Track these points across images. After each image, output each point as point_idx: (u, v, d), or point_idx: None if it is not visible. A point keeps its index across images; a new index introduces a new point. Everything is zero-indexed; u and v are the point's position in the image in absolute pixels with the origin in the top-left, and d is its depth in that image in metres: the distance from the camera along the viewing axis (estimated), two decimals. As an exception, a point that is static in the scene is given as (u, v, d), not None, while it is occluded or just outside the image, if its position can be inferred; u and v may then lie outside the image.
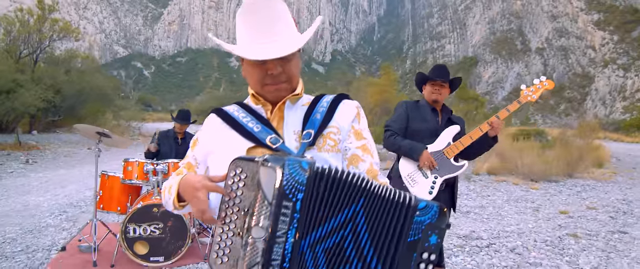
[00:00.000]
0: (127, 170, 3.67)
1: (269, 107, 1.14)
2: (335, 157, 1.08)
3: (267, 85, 1.08)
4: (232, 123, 1.11)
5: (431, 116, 2.67)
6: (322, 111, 1.12)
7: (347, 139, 1.13)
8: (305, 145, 1.05)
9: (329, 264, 0.87)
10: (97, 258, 3.42)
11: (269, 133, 1.06)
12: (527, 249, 4.16)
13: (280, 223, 0.80)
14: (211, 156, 1.13)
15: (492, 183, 8.73)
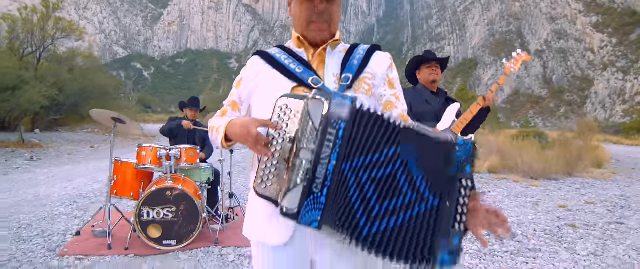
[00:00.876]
0: (141, 155, 3.79)
1: (311, 51, 1.26)
2: (370, 100, 1.21)
3: (313, 22, 1.21)
4: (275, 64, 1.22)
5: (431, 98, 2.82)
6: (359, 58, 1.24)
7: (381, 86, 1.26)
8: (344, 87, 1.17)
9: (380, 192, 0.97)
10: (110, 242, 3.54)
11: (311, 74, 1.18)
12: (527, 238, 4.28)
13: (325, 147, 0.94)
14: (255, 94, 1.26)
15: (493, 181, 8.85)
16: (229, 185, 4.44)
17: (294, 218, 0.98)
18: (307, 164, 0.96)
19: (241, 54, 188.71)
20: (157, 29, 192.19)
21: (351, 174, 0.97)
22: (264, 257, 1.18)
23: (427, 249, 0.99)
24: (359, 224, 0.98)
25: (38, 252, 3.41)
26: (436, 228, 0.99)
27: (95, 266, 3.15)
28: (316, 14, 1.19)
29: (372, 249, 0.98)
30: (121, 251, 3.45)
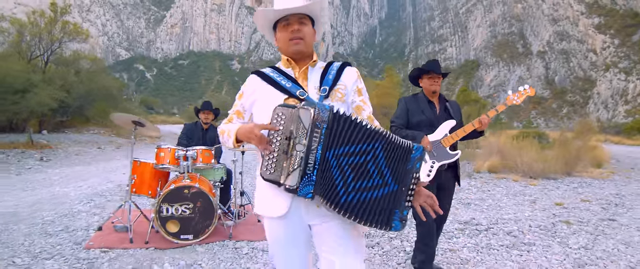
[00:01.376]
0: (159, 156, 4.05)
1: (296, 69, 1.63)
2: (343, 105, 1.57)
3: (291, 39, 1.59)
4: (270, 81, 1.60)
5: (427, 108, 3.08)
6: (333, 73, 1.62)
7: (352, 94, 1.63)
8: (322, 97, 1.54)
9: (355, 175, 1.39)
10: (132, 236, 3.79)
11: (298, 88, 1.56)
12: (523, 233, 4.52)
13: (313, 142, 1.36)
14: (255, 104, 1.63)
15: (493, 180, 9.07)
16: (240, 184, 4.69)
17: (294, 192, 1.39)
18: (301, 153, 1.37)
19: (243, 55, 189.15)
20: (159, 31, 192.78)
21: (333, 160, 1.36)
22: (271, 226, 1.57)
23: (385, 217, 1.43)
24: (339, 194, 1.38)
25: (65, 245, 3.67)
26: (393, 205, 1.43)
27: (119, 257, 3.40)
28: (292, 33, 1.58)
29: (346, 213, 1.39)
30: (142, 245, 3.70)
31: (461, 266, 3.39)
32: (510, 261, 3.55)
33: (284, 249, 1.56)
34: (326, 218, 1.49)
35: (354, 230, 1.52)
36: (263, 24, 1.68)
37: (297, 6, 1.56)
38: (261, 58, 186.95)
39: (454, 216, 5.33)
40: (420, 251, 3.06)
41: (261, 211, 1.58)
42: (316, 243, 1.56)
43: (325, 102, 1.52)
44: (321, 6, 1.65)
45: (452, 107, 3.20)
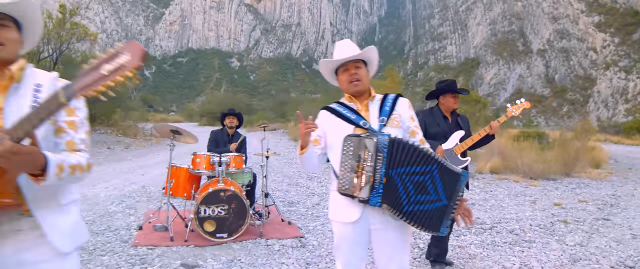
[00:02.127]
0: (195, 161, 4.47)
1: (358, 103, 2.02)
2: (398, 131, 1.97)
3: (351, 82, 1.99)
4: (338, 114, 2.02)
5: (442, 121, 3.49)
6: (389, 105, 2.03)
7: (407, 120, 2.03)
8: (382, 125, 1.94)
9: (416, 190, 1.77)
10: (172, 234, 4.22)
11: (361, 119, 1.97)
12: (524, 231, 4.94)
13: (378, 163, 1.75)
14: (328, 134, 2.03)
15: (495, 181, 9.50)
16: (265, 186, 5.10)
17: (365, 202, 1.80)
18: (369, 172, 1.77)
19: (242, 53, 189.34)
20: (158, 28, 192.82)
21: (397, 177, 1.77)
22: (345, 230, 1.96)
23: (437, 225, 1.83)
24: (402, 204, 1.78)
25: (114, 243, 4.09)
26: (444, 216, 1.83)
27: (165, 254, 3.82)
28: (351, 76, 2.01)
29: (408, 219, 1.79)
30: (182, 243, 4.12)
31: (469, 260, 3.82)
32: (513, 256, 3.98)
33: (351, 248, 1.96)
34: (387, 224, 1.90)
35: (405, 234, 1.94)
36: (326, 71, 2.11)
37: (353, 55, 1.99)
38: (260, 56, 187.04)
39: (460, 215, 5.75)
40: (435, 246, 3.48)
41: (336, 218, 1.98)
42: (374, 243, 1.96)
43: (384, 129, 1.91)
44: (375, 55, 2.07)
45: (462, 120, 3.61)
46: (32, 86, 1.35)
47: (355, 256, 1.97)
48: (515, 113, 3.49)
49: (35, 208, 1.27)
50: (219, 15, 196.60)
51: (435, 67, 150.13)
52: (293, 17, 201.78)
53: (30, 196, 1.25)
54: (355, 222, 1.90)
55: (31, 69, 1.40)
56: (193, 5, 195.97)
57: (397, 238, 1.91)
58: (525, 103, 3.51)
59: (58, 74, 1.44)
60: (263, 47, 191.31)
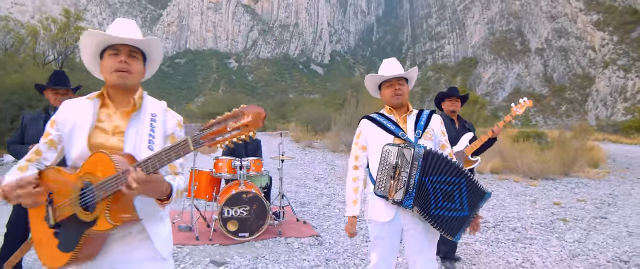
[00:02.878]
0: (218, 165, 4.77)
1: (397, 115, 2.31)
2: (431, 143, 2.24)
3: (394, 96, 2.30)
4: (379, 124, 2.29)
5: (450, 125, 3.79)
6: (424, 119, 2.31)
7: (439, 135, 2.31)
8: (417, 138, 2.21)
9: (444, 198, 2.02)
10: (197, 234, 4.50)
11: (399, 130, 2.25)
12: (525, 229, 5.24)
13: (413, 170, 2.02)
14: (369, 141, 2.32)
15: (495, 181, 9.80)
16: (281, 187, 5.39)
17: (399, 204, 2.08)
18: (405, 178, 2.04)
19: (240, 54, 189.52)
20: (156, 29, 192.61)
21: (429, 184, 2.04)
22: (381, 229, 2.25)
23: (455, 230, 2.07)
24: (430, 208, 2.05)
25: (144, 242, 4.37)
26: (462, 225, 2.09)
27: (193, 252, 4.10)
28: (394, 90, 2.29)
29: (432, 222, 2.06)
30: (207, 242, 4.40)
31: (475, 256, 4.11)
32: (515, 252, 4.28)
33: (385, 244, 2.25)
34: (417, 225, 2.19)
35: (433, 234, 2.22)
36: (371, 84, 2.42)
37: (400, 73, 2.29)
38: (258, 56, 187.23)
39: (464, 214, 6.06)
40: (444, 244, 3.78)
41: (373, 218, 2.27)
42: (406, 241, 2.25)
43: (419, 141, 2.20)
44: (416, 75, 2.38)
45: (469, 125, 3.91)
46: (149, 114, 1.62)
47: (388, 251, 2.26)
48: (520, 112, 3.73)
49: (145, 220, 1.54)
50: (217, 16, 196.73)
51: (433, 66, 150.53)
52: (290, 18, 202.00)
53: (142, 212, 1.52)
54: (389, 222, 2.20)
55: (147, 97, 1.68)
56: (190, 6, 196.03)
57: (426, 237, 2.21)
58: (528, 102, 3.76)
59: (166, 104, 1.72)
60: (261, 47, 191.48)
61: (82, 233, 1.41)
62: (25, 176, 1.44)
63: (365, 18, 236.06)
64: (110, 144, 1.52)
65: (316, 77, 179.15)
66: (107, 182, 1.36)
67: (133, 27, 1.63)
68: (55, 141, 1.57)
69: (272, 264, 3.78)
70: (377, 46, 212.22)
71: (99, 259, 1.52)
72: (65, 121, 1.56)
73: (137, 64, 1.61)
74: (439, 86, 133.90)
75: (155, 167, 1.35)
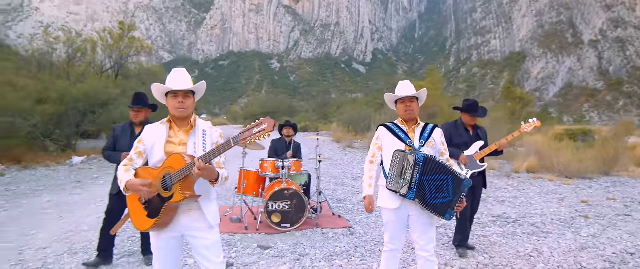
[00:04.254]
0: (263, 166, 5.56)
1: (407, 126, 2.94)
2: (432, 151, 2.84)
3: (406, 111, 2.90)
4: (393, 132, 2.93)
5: (464, 133, 4.33)
6: (428, 131, 2.92)
7: (439, 145, 2.90)
8: (421, 145, 2.83)
9: (436, 191, 2.67)
10: (246, 225, 5.29)
11: (408, 139, 2.87)
12: (544, 224, 5.64)
13: (415, 172, 2.68)
14: (384, 145, 2.96)
15: (529, 180, 10.01)
16: (318, 185, 6.09)
17: (404, 196, 2.73)
18: (409, 177, 2.68)
19: (282, 54, 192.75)
20: (200, 33, 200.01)
21: (426, 182, 2.67)
22: (390, 214, 2.89)
23: (443, 212, 2.69)
24: (427, 198, 2.69)
25: (203, 231, 5.21)
26: (449, 207, 2.68)
27: (243, 239, 4.88)
28: (407, 107, 2.91)
29: (428, 208, 2.69)
30: (254, 231, 5.17)
31: (490, 246, 4.62)
32: (528, 244, 4.73)
33: (394, 226, 2.91)
34: (419, 212, 2.81)
35: (433, 219, 2.85)
36: (388, 101, 3.06)
37: (410, 94, 2.92)
38: (300, 56, 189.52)
39: (489, 210, 6.51)
40: (458, 233, 4.34)
41: (383, 205, 2.91)
42: (411, 224, 2.89)
43: (422, 149, 2.84)
44: (425, 96, 2.98)
45: (481, 132, 4.43)
46: (201, 131, 2.45)
47: (397, 231, 2.93)
48: (528, 130, 4.22)
49: (201, 199, 2.36)
50: (259, 18, 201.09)
51: (478, 62, 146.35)
52: (331, 17, 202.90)
53: (199, 192, 2.33)
54: (396, 209, 2.85)
55: (198, 119, 2.51)
56: (233, 9, 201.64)
57: (427, 221, 2.85)
58: (537, 122, 4.23)
59: (211, 123, 2.55)
60: (302, 47, 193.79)
61: (164, 204, 2.26)
62: (136, 179, 2.29)
63: (407, 15, 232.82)
64: (177, 151, 2.34)
65: (358, 76, 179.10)
66: (180, 171, 2.19)
67: (185, 75, 2.43)
68: (142, 152, 2.43)
69: (309, 249, 4.48)
70: (420, 43, 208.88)
71: (171, 227, 2.35)
72: (147, 139, 2.42)
73: (190, 100, 2.41)
74: (484, 82, 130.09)
75: (210, 159, 2.18)
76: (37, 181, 9.68)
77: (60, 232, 5.17)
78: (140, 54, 25.24)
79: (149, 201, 2.30)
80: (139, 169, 2.39)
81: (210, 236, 2.40)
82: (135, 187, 2.24)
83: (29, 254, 4.34)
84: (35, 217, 6.14)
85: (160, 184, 2.26)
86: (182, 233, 2.38)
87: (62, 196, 7.80)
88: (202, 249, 2.38)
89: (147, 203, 2.31)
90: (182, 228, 2.36)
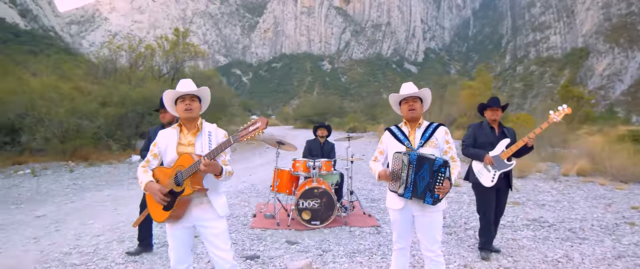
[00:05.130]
0: (295, 165, 5.82)
1: (409, 128, 3.04)
2: (436, 150, 2.93)
3: (408, 111, 3.00)
4: (394, 135, 3.05)
5: (490, 132, 4.31)
6: (429, 131, 3.00)
7: (443, 143, 2.98)
8: (420, 146, 2.94)
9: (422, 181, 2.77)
10: (278, 221, 5.57)
11: (407, 140, 2.99)
12: (582, 230, 5.42)
13: (410, 171, 2.80)
14: (388, 147, 3.09)
15: (578, 183, 9.52)
16: (350, 185, 6.26)
17: (402, 196, 2.84)
18: (404, 177, 2.81)
19: (334, 55, 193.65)
20: (253, 36, 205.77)
21: (418, 178, 2.77)
22: (395, 214, 3.02)
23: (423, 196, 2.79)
24: (418, 192, 2.78)
25: (238, 225, 5.56)
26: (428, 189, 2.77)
27: (274, 234, 5.16)
28: (409, 106, 3.01)
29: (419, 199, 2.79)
30: (285, 227, 5.43)
31: (517, 250, 4.56)
32: (559, 249, 4.61)
33: (400, 225, 3.03)
34: (423, 212, 2.91)
35: (437, 219, 2.94)
36: (393, 102, 3.17)
37: (412, 93, 3.03)
38: (351, 57, 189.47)
39: (525, 213, 6.35)
40: (481, 236, 4.33)
41: (389, 205, 3.05)
42: (416, 224, 2.99)
43: (422, 149, 2.92)
44: (429, 95, 3.08)
45: (508, 131, 4.39)
46: (207, 132, 2.76)
47: (403, 230, 3.05)
48: (557, 119, 4.09)
49: (209, 192, 2.68)
50: (310, 20, 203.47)
51: (536, 60, 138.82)
52: (382, 17, 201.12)
53: (208, 186, 2.65)
54: (400, 209, 2.97)
55: (204, 123, 2.81)
56: (285, 12, 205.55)
57: (431, 221, 2.94)
58: (567, 109, 4.11)
59: (216, 125, 2.84)
60: (353, 48, 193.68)
61: (176, 198, 2.58)
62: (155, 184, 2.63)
63: (461, 12, 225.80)
64: (187, 151, 2.65)
65: (410, 76, 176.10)
66: (189, 168, 2.51)
67: (190, 83, 2.79)
68: (157, 154, 2.76)
69: (334, 245, 4.67)
70: (474, 41, 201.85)
71: (184, 219, 2.68)
72: (161, 142, 2.75)
73: (196, 103, 2.75)
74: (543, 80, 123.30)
75: (214, 156, 2.48)
76: (100, 176, 10.60)
77: (113, 222, 5.73)
78: (197, 59, 26.60)
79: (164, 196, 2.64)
80: (155, 169, 2.72)
81: (219, 225, 2.70)
82: (153, 191, 2.60)
83: (85, 240, 4.89)
84: (95, 209, 6.81)
85: (173, 181, 2.58)
86: (193, 223, 2.69)
87: (119, 191, 8.53)
88: (211, 237, 2.68)
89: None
90: (194, 219, 2.68)
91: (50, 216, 6.24)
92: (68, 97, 13.49)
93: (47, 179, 9.84)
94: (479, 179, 4.28)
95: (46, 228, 5.53)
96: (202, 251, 4.33)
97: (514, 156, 4.25)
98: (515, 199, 7.59)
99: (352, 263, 4.11)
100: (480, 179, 4.28)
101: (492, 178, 4.20)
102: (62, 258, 4.25)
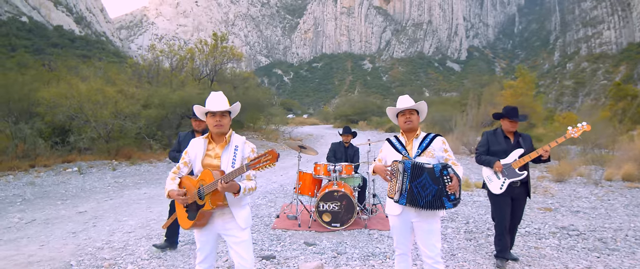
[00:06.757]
0: (317, 169, 5.93)
1: (406, 138, 3.11)
2: (433, 159, 2.98)
3: (405, 123, 3.08)
4: (392, 145, 3.13)
5: (503, 140, 4.22)
6: (426, 142, 3.06)
7: (441, 153, 3.02)
8: (416, 155, 2.99)
9: (422, 190, 2.84)
10: (299, 222, 5.70)
11: (404, 150, 3.07)
12: (615, 240, 5.17)
13: (405, 178, 2.87)
14: (387, 156, 3.16)
15: (621, 189, 9.01)
16: (373, 188, 6.30)
17: (397, 202, 2.90)
18: (399, 184, 2.87)
19: (374, 55, 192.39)
20: (294, 37, 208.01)
21: (413, 186, 2.82)
22: (394, 219, 3.08)
23: (440, 204, 2.84)
24: (418, 201, 2.85)
25: (261, 225, 5.75)
26: (441, 195, 2.83)
27: (294, 235, 5.29)
28: (406, 118, 3.07)
29: (424, 208, 2.85)
30: (306, 228, 5.56)
31: (537, 259, 4.43)
32: (584, 260, 4.43)
33: (399, 231, 3.10)
34: (421, 218, 2.96)
35: (435, 225, 2.98)
36: (390, 114, 3.22)
37: (407, 106, 3.09)
38: (392, 56, 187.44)
39: (555, 221, 6.13)
40: (497, 244, 4.25)
41: (388, 212, 3.11)
42: (415, 230, 3.03)
43: (418, 158, 3.00)
44: (425, 107, 3.13)
45: (524, 139, 4.27)
46: (234, 146, 2.82)
47: (402, 235, 3.11)
48: (575, 135, 3.97)
49: (232, 205, 2.75)
50: (350, 20, 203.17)
51: (588, 56, 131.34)
52: (423, 15, 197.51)
53: (230, 201, 2.73)
54: (398, 215, 3.03)
55: (234, 135, 2.88)
56: (325, 13, 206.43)
57: (429, 228, 2.98)
58: (587, 126, 3.97)
59: (245, 139, 2.90)
60: (394, 47, 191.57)
61: (198, 210, 2.69)
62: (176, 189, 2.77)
63: (505, 9, 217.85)
64: (214, 163, 2.76)
65: (453, 74, 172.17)
66: (210, 185, 2.59)
67: (221, 98, 2.81)
68: (187, 163, 2.87)
69: (350, 248, 4.74)
70: (519, 38, 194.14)
71: (208, 227, 2.80)
72: (191, 151, 2.86)
73: (226, 119, 2.81)
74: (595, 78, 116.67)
75: (231, 178, 2.54)
76: (140, 175, 11.20)
77: (145, 220, 6.08)
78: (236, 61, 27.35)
79: (188, 206, 2.78)
80: (183, 177, 2.84)
81: (241, 235, 2.78)
82: (174, 195, 2.73)
83: (117, 236, 5.24)
84: (131, 206, 7.24)
85: (196, 194, 2.69)
86: (218, 231, 2.82)
87: (155, 189, 9.00)
88: (234, 245, 2.78)
89: (188, 207, 2.79)
90: (217, 228, 2.80)
91: (91, 212, 6.71)
92: (112, 100, 14.31)
93: (92, 177, 10.52)
94: (488, 185, 4.23)
95: (85, 223, 5.96)
96: (222, 250, 4.53)
97: (533, 162, 4.14)
98: (547, 204, 7.34)
99: (364, 266, 4.17)
100: (489, 185, 4.23)
101: (500, 186, 4.13)
102: (94, 253, 4.60)
